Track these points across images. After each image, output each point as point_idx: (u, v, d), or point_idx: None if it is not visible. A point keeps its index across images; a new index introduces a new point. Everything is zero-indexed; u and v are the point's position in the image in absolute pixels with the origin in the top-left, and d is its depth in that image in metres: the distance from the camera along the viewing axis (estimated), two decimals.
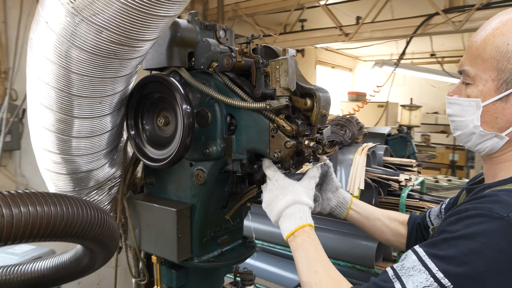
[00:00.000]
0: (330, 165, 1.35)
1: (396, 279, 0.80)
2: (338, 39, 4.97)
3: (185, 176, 1.32)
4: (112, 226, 0.95)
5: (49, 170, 1.32)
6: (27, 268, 1.08)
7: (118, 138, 1.33)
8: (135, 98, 1.23)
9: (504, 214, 0.75)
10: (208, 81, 1.22)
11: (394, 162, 2.50)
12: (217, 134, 1.20)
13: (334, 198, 1.35)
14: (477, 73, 0.95)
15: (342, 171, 2.25)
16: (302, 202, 1.05)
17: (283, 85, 1.05)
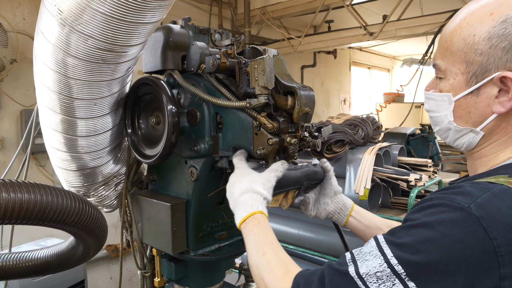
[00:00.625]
0: (330, 168, 1.29)
1: (351, 263, 0.81)
2: (363, 39, 4.91)
3: (181, 173, 1.39)
4: (92, 214, 1.03)
5: (60, 168, 1.44)
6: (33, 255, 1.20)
7: (119, 136, 1.42)
8: (131, 99, 1.33)
9: (466, 205, 0.74)
10: (198, 82, 1.29)
11: (409, 162, 2.45)
12: (205, 132, 1.26)
13: (332, 203, 1.28)
14: (447, 67, 0.93)
15: (351, 171, 2.24)
16: (255, 191, 1.05)
17: (261, 83, 1.09)
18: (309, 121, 1.20)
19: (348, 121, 2.57)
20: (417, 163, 2.43)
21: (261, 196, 1.06)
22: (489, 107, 0.90)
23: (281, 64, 1.23)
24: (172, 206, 1.32)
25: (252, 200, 1.04)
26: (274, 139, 1.13)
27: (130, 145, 1.34)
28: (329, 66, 9.27)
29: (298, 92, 1.13)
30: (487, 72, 0.88)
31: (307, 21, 6.14)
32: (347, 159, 2.32)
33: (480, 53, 0.88)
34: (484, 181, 0.82)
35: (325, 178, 1.28)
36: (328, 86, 9.51)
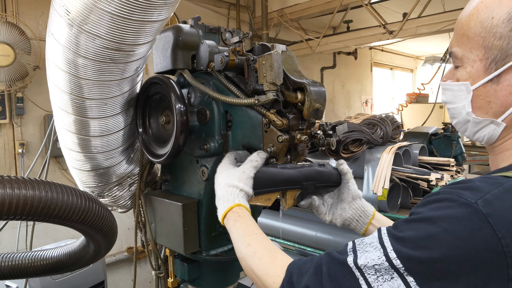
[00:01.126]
0: (347, 171, 1.21)
1: (351, 252, 0.79)
2: (383, 38, 4.82)
3: (193, 173, 1.39)
4: (99, 212, 1.04)
5: (75, 168, 1.46)
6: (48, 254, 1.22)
7: (132, 136, 1.44)
8: (142, 98, 1.34)
9: (472, 200, 0.69)
10: (208, 81, 1.29)
11: (430, 161, 2.38)
12: (215, 130, 1.26)
13: (350, 209, 1.19)
14: (464, 54, 0.87)
15: (369, 171, 2.20)
16: (230, 184, 1.04)
17: (269, 79, 1.08)
18: (320, 117, 1.18)
19: (367, 121, 2.53)
20: (439, 163, 2.35)
21: (237, 188, 1.04)
22: (511, 96, 0.84)
23: (290, 60, 1.22)
24: (184, 205, 1.32)
25: (228, 194, 1.04)
26: (284, 136, 1.12)
27: (141, 144, 1.35)
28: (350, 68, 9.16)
29: (308, 88, 1.12)
30: (507, 58, 0.81)
31: (325, 22, 6.10)
32: (365, 159, 2.28)
33: (500, 36, 0.81)
34: (499, 175, 0.77)
35: (342, 181, 1.21)
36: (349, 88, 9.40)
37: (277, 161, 1.19)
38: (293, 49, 6.57)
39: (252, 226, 0.98)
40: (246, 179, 1.06)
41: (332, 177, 1.22)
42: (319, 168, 1.19)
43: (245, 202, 1.05)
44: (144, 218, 1.54)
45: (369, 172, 2.20)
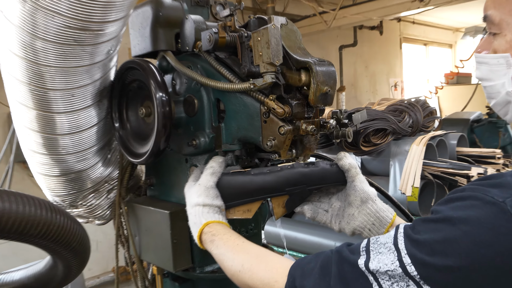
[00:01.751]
0: (349, 167, 1.16)
1: (364, 253, 0.80)
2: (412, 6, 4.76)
3: (182, 174, 1.39)
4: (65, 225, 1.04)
5: (40, 173, 1.47)
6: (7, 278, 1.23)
7: (108, 133, 1.44)
8: (117, 87, 1.34)
9: (500, 199, 0.68)
10: (195, 64, 1.28)
11: (471, 153, 2.35)
12: (205, 122, 1.25)
13: (359, 215, 1.14)
14: (503, 18, 0.84)
15: (396, 166, 2.18)
16: (193, 203, 1.09)
17: (266, 59, 1.06)
18: (329, 103, 1.16)
19: (392, 107, 2.51)
20: (482, 155, 2.32)
21: (199, 206, 1.08)
22: None
23: (293, 35, 1.20)
24: (172, 213, 1.32)
25: (193, 217, 1.08)
26: (287, 127, 1.10)
27: (118, 142, 1.35)
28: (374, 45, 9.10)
29: (314, 68, 1.10)
30: None
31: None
32: (391, 152, 2.26)
33: None
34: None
35: (347, 180, 1.17)
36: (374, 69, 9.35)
37: (280, 157, 1.18)
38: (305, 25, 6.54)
39: (231, 239, 1.00)
40: (204, 191, 1.09)
41: (330, 176, 1.18)
42: (305, 169, 1.16)
43: (215, 216, 1.07)
44: (127, 230, 1.54)
45: (395, 168, 2.18)
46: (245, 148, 1.25)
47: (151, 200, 1.50)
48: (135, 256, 1.51)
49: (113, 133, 1.44)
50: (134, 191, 1.65)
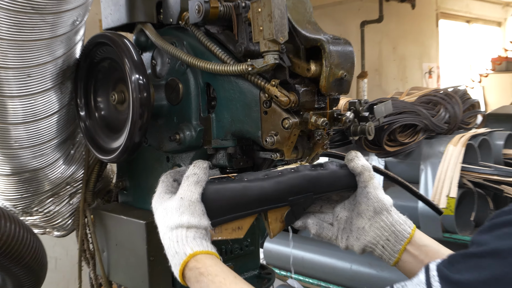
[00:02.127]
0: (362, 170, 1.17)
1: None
2: None
3: None
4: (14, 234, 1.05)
5: None
6: None
7: (71, 122, 1.45)
8: (84, 67, 1.35)
9: None
10: (180, 40, 1.29)
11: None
12: (191, 112, 1.27)
13: (371, 229, 1.16)
14: None
15: (428, 171, 2.19)
16: (172, 225, 1.01)
17: (267, 35, 1.07)
18: (345, 91, 1.17)
19: (425, 97, 2.52)
20: None
21: (182, 228, 1.00)
22: None
23: (302, 7, 1.21)
24: (149, 224, 1.32)
25: (174, 243, 1.00)
26: (292, 120, 1.12)
27: (84, 134, 1.36)
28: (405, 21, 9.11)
29: (327, 47, 1.11)
30: None
31: None
32: (422, 154, 2.27)
33: None
34: None
35: (359, 186, 1.18)
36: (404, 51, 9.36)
37: (283, 157, 1.19)
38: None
39: (224, 282, 0.95)
40: (189, 207, 1.02)
41: (340, 181, 1.19)
42: (312, 173, 1.16)
43: (203, 244, 1.00)
44: (93, 244, 1.55)
45: (427, 173, 2.20)
46: (240, 145, 1.26)
47: (124, 207, 1.51)
48: (102, 276, 1.52)
49: (77, 124, 1.45)
50: (102, 196, 1.66)
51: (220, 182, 1.10)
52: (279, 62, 1.10)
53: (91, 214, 1.54)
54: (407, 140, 2.31)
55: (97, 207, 1.56)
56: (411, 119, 2.28)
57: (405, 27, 9.17)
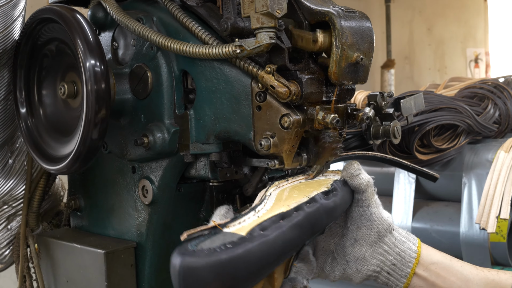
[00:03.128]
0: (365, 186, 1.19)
1: None
2: None
3: (126, 192, 1.41)
4: None
5: None
6: None
7: (8, 123, 1.45)
8: (25, 51, 1.35)
9: None
10: (149, 15, 1.29)
11: None
12: (163, 109, 1.27)
13: (373, 256, 1.20)
14: None
15: (472, 185, 2.19)
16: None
17: (260, 7, 1.08)
18: (361, 79, 1.18)
19: (468, 91, 2.52)
20: None
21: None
22: None
23: None
24: (109, 254, 1.34)
25: None
26: (293, 117, 1.12)
27: (24, 138, 1.36)
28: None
29: (337, 23, 1.12)
30: None
31: None
32: (464, 163, 2.27)
33: None
34: None
35: (355, 205, 1.20)
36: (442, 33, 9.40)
37: (282, 165, 1.19)
38: None
39: None
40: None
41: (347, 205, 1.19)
42: (328, 202, 1.11)
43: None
44: (37, 281, 1.55)
45: (471, 188, 2.21)
46: (227, 150, 1.27)
47: (77, 233, 1.52)
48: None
49: (17, 124, 1.45)
50: (49, 219, 1.66)
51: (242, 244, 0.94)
52: (275, 42, 1.10)
53: (35, 243, 1.53)
54: (444, 145, 2.31)
55: (43, 233, 1.55)
56: (450, 118, 2.27)
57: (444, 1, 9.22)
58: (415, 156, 2.26)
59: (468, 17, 9.76)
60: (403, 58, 8.59)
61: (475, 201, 2.20)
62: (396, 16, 8.20)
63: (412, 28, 8.77)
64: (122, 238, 1.42)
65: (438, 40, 9.32)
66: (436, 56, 9.36)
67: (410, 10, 8.60)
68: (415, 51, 8.91)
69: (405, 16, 8.54)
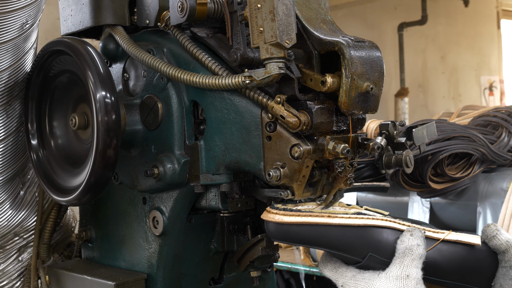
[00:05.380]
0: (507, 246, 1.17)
1: None
2: None
3: (137, 223, 1.41)
4: None
5: None
6: None
7: (20, 155, 1.46)
8: (36, 83, 1.36)
9: None
10: (159, 46, 1.30)
11: None
12: (173, 139, 1.27)
13: None
14: None
15: (487, 215, 2.17)
16: None
17: (269, 38, 1.08)
18: (372, 108, 1.18)
19: (481, 119, 2.51)
20: None
21: None
22: None
23: (315, 1, 1.24)
24: (118, 286, 1.33)
25: None
26: (304, 147, 1.12)
27: (35, 170, 1.36)
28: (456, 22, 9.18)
29: (347, 52, 1.12)
30: None
31: None
32: (478, 192, 2.25)
33: None
34: None
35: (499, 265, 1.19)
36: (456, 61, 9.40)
37: (293, 195, 1.19)
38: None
39: None
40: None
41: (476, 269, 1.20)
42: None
43: None
44: None
45: (486, 218, 2.18)
46: (238, 180, 1.26)
47: (88, 265, 1.52)
48: None
49: (28, 156, 1.45)
50: (61, 251, 1.65)
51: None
52: (285, 72, 1.10)
53: (46, 274, 1.53)
54: (458, 174, 2.29)
55: (54, 264, 1.55)
56: (464, 147, 2.26)
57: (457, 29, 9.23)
58: (428, 185, 2.24)
59: (481, 45, 9.76)
60: (417, 86, 8.60)
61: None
62: (409, 44, 8.22)
63: (425, 56, 8.79)
64: (133, 269, 1.41)
65: (452, 68, 9.32)
66: (450, 84, 9.35)
67: (423, 38, 8.62)
68: (429, 79, 8.91)
69: (418, 45, 8.56)
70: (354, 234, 1.10)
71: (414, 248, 1.08)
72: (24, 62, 1.34)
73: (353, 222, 1.11)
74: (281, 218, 1.13)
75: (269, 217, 1.15)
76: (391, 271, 1.07)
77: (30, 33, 1.29)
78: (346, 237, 1.11)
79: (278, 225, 1.13)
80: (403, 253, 1.08)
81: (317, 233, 1.12)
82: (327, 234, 1.11)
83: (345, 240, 1.11)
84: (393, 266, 1.08)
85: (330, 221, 1.11)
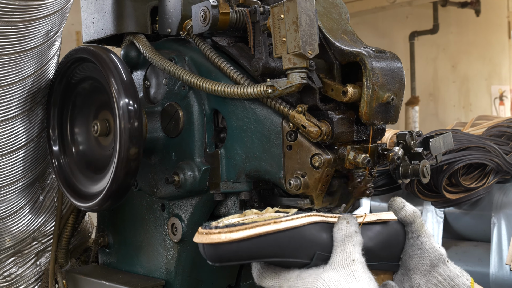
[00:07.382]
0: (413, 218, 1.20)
1: None
2: None
3: (155, 229, 1.41)
4: None
5: None
6: None
7: (41, 160, 1.47)
8: (59, 89, 1.37)
9: None
10: (181, 55, 1.31)
11: None
12: (194, 147, 1.28)
13: (428, 286, 1.22)
14: None
15: (502, 225, 2.16)
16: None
17: (292, 48, 1.09)
18: (392, 119, 1.18)
19: (495, 129, 2.50)
20: None
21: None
22: None
23: (336, 12, 1.23)
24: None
25: None
26: (324, 157, 1.12)
27: (56, 175, 1.37)
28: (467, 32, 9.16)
29: (368, 63, 1.12)
30: None
31: None
32: (493, 202, 2.24)
33: None
34: None
35: (407, 237, 1.21)
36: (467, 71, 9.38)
37: (312, 204, 1.19)
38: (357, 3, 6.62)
39: None
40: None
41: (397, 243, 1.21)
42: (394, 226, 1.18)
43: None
44: None
45: (501, 229, 2.17)
46: (257, 189, 1.27)
47: (105, 270, 1.52)
48: None
49: (49, 162, 1.46)
50: (78, 256, 1.66)
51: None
52: (307, 82, 1.11)
53: (64, 279, 1.54)
54: (473, 184, 2.28)
55: (71, 269, 1.56)
56: (479, 157, 2.25)
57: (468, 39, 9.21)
58: (443, 195, 2.23)
59: (492, 54, 9.73)
60: (427, 95, 8.58)
61: (505, 242, 2.16)
62: (420, 53, 8.21)
63: (436, 66, 8.77)
64: (150, 275, 1.41)
65: (463, 77, 9.30)
66: (461, 93, 9.32)
67: (434, 47, 8.60)
68: (440, 88, 8.89)
69: (429, 54, 8.54)
70: (301, 235, 1.06)
71: (353, 234, 1.07)
72: (48, 69, 1.35)
73: (301, 222, 1.06)
74: (228, 236, 0.99)
75: (212, 239, 1.00)
76: (335, 260, 1.06)
77: (54, 40, 1.30)
78: (295, 240, 1.06)
79: (227, 245, 1.00)
80: (342, 240, 1.07)
81: (268, 243, 1.03)
82: (278, 242, 1.05)
83: (294, 244, 1.06)
84: (336, 255, 1.07)
85: (278, 226, 1.03)
